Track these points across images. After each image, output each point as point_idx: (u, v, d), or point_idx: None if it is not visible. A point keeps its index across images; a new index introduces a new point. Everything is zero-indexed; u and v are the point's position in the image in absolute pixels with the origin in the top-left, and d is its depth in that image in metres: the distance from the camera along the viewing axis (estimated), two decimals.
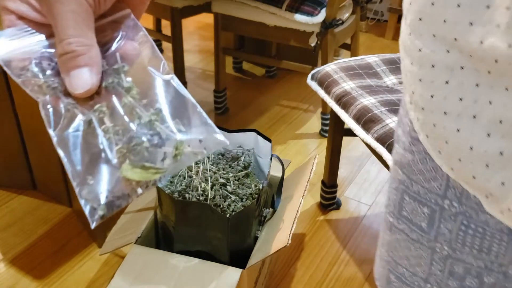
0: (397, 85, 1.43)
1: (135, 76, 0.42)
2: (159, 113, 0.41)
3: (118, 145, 0.39)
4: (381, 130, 1.22)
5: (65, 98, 0.40)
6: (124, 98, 0.41)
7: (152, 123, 0.40)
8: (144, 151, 0.39)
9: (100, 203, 0.38)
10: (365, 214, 1.77)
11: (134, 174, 0.39)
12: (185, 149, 0.40)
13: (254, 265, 1.12)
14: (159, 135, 0.40)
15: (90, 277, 1.46)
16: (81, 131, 0.39)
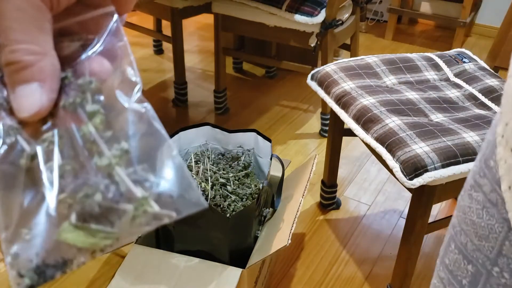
0: (396, 85, 1.43)
1: None
2: (124, 155, 0.31)
3: (63, 193, 0.29)
4: (380, 130, 1.22)
5: (9, 119, 0.30)
6: (85, 126, 0.31)
7: (112, 168, 0.30)
8: (94, 207, 0.30)
9: (32, 267, 0.30)
10: (364, 214, 1.77)
11: (76, 238, 0.29)
12: (149, 209, 0.30)
13: (254, 265, 1.12)
14: (117, 186, 0.30)
15: (91, 276, 1.47)
16: (22, 166, 0.30)
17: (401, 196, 1.86)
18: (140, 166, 0.31)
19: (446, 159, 1.12)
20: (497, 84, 1.43)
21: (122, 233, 0.30)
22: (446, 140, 1.16)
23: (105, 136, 0.31)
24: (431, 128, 1.21)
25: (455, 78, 1.50)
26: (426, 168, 1.10)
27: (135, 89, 0.32)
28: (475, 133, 1.19)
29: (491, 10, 3.30)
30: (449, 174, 1.11)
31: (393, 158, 1.16)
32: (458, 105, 1.37)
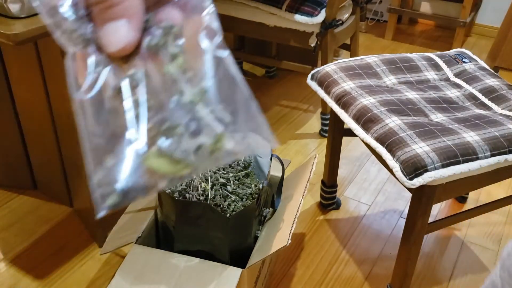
0: (396, 85, 1.43)
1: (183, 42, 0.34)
2: (205, 93, 0.33)
3: (148, 124, 0.32)
4: (380, 130, 1.22)
5: (97, 54, 0.32)
6: (167, 66, 0.33)
7: (194, 104, 0.33)
8: (176, 139, 0.33)
9: (113, 191, 0.32)
10: (364, 214, 1.77)
11: (160, 164, 0.32)
12: (225, 145, 0.33)
13: (254, 265, 1.12)
14: (198, 121, 0.33)
15: (91, 276, 1.47)
16: (107, 98, 0.33)
17: (401, 196, 1.86)
18: (218, 106, 0.34)
19: (446, 159, 1.12)
20: (497, 84, 1.43)
21: (200, 164, 0.34)
22: (446, 140, 1.16)
23: (186, 76, 0.34)
24: (431, 128, 1.20)
25: (455, 78, 1.50)
26: (426, 168, 1.10)
27: (216, 36, 0.35)
28: (475, 133, 1.19)
29: (491, 10, 3.30)
30: (449, 174, 1.11)
31: (393, 158, 1.16)
32: (458, 105, 1.36)
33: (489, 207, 1.37)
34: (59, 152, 1.57)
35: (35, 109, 1.53)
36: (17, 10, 1.03)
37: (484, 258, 1.61)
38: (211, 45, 0.34)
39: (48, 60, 1.36)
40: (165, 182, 0.33)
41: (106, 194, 0.32)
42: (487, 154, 1.15)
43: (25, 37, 1.01)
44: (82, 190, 1.52)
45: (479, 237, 1.69)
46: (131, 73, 0.33)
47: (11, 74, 1.53)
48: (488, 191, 1.91)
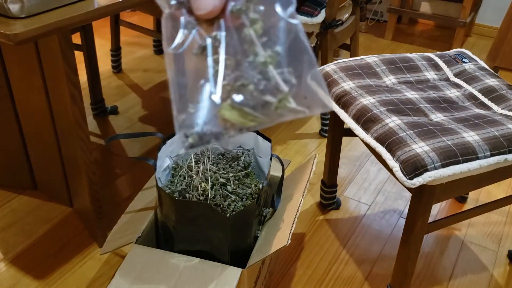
0: (396, 85, 1.43)
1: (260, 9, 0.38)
2: (276, 57, 0.38)
3: (225, 80, 0.37)
4: (380, 130, 1.22)
5: (188, 16, 0.38)
6: (246, 30, 0.38)
7: (266, 65, 0.38)
8: (247, 95, 0.38)
9: (193, 132, 0.38)
10: (364, 214, 1.77)
11: (232, 115, 0.37)
12: (288, 104, 0.38)
13: (254, 265, 1.12)
14: (268, 81, 0.38)
15: (91, 276, 1.46)
16: (194, 54, 0.38)
17: (401, 196, 1.86)
18: (287, 69, 0.38)
19: (446, 159, 1.11)
20: (497, 84, 1.43)
21: (265, 119, 0.38)
22: (446, 139, 1.16)
23: (262, 40, 0.38)
24: (431, 128, 1.20)
25: (455, 78, 1.50)
26: (426, 167, 1.10)
27: (290, 6, 0.39)
28: (475, 132, 1.19)
29: (491, 10, 3.30)
30: (449, 173, 1.11)
31: (393, 158, 1.15)
32: (458, 104, 1.36)
33: (489, 207, 1.37)
34: (59, 152, 1.57)
35: (35, 109, 1.53)
36: (17, 10, 1.03)
37: (484, 258, 1.61)
38: (285, 13, 0.38)
39: (48, 60, 1.36)
40: (235, 131, 0.38)
41: (188, 134, 0.38)
42: (487, 153, 1.15)
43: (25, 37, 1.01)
44: (82, 190, 1.52)
45: (479, 237, 1.69)
46: (214, 34, 0.37)
47: (11, 74, 1.53)
48: (488, 191, 1.91)
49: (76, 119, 1.34)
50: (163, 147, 1.28)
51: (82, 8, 1.11)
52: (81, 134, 1.37)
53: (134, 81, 2.64)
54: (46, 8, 1.08)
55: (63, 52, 1.25)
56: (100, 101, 2.28)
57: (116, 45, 2.64)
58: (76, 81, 1.31)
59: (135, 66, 2.80)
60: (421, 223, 1.22)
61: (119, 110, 2.34)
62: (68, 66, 1.27)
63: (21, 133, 1.66)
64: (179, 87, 0.38)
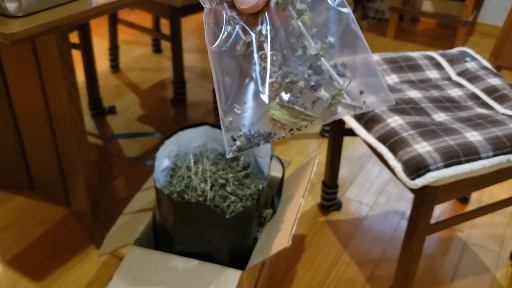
0: (398, 84, 1.42)
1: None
2: (328, 48, 0.36)
3: (272, 78, 0.35)
4: (382, 130, 1.21)
5: (230, 10, 0.36)
6: (294, 21, 0.36)
7: (318, 58, 0.35)
8: (297, 92, 0.35)
9: (241, 135, 0.36)
10: (366, 215, 1.76)
11: (281, 115, 0.35)
12: (343, 99, 0.36)
13: (254, 266, 1.11)
14: (319, 76, 0.35)
15: (89, 278, 1.45)
16: (239, 51, 0.36)
17: (403, 197, 1.85)
18: (339, 61, 0.35)
19: (448, 159, 1.10)
20: (500, 83, 1.42)
21: (317, 117, 0.36)
22: (449, 139, 1.15)
23: (311, 31, 0.35)
24: (433, 128, 1.19)
25: (457, 77, 1.48)
26: (428, 168, 1.09)
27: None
28: (477, 132, 1.18)
29: (494, 9, 3.28)
30: (451, 174, 1.10)
31: (395, 158, 1.14)
32: (460, 104, 1.35)
33: (491, 208, 1.36)
34: (57, 152, 1.56)
35: (32, 109, 1.52)
36: (14, 9, 1.03)
37: (486, 260, 1.59)
38: (334, 2, 0.36)
39: (45, 59, 1.35)
40: (285, 131, 0.36)
41: (234, 137, 0.35)
42: (490, 154, 1.14)
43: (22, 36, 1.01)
44: (80, 191, 1.51)
45: (481, 238, 1.68)
46: (259, 29, 0.35)
47: (8, 74, 1.52)
48: (491, 192, 1.90)
49: (73, 119, 1.33)
50: (162, 147, 1.27)
51: (80, 7, 1.12)
52: (79, 134, 1.36)
53: (132, 80, 2.62)
54: (43, 7, 1.08)
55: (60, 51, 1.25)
56: (98, 100, 2.26)
57: (114, 44, 2.63)
58: (74, 80, 1.30)
59: (133, 65, 2.79)
60: (423, 224, 1.21)
61: (117, 110, 2.33)
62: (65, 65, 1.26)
63: (18, 133, 1.65)
64: (224, 88, 0.36)
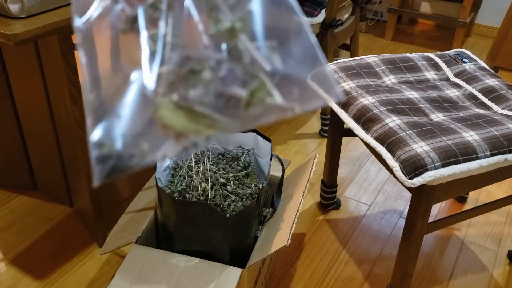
0: (396, 85, 1.43)
1: None
2: (248, 20, 0.23)
3: (165, 65, 0.23)
4: (380, 130, 1.22)
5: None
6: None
7: (234, 34, 0.23)
8: (201, 85, 0.23)
9: (115, 152, 0.23)
10: (364, 214, 1.77)
11: (176, 119, 0.23)
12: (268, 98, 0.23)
13: (254, 265, 1.12)
14: (236, 61, 0.22)
15: (91, 276, 1.46)
16: (121, 30, 0.24)
17: (401, 196, 1.86)
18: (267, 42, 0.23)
19: (446, 158, 1.11)
20: (497, 84, 1.43)
21: (232, 122, 0.23)
22: (446, 139, 1.16)
23: (229, 1, 0.23)
24: (431, 128, 1.20)
25: (455, 78, 1.50)
26: (426, 167, 1.10)
27: None
28: (475, 132, 1.19)
29: (491, 10, 3.30)
30: (449, 173, 1.11)
31: (393, 158, 1.15)
32: (458, 104, 1.36)
33: (489, 207, 1.37)
34: (59, 152, 1.57)
35: (35, 109, 1.53)
36: (17, 10, 1.03)
37: (484, 258, 1.60)
38: None
39: (48, 60, 1.36)
40: (184, 143, 0.23)
41: (105, 156, 0.23)
42: (487, 153, 1.15)
43: (25, 37, 1.01)
44: (82, 190, 1.52)
45: (479, 237, 1.69)
46: (152, 1, 0.24)
47: (11, 74, 1.53)
48: (488, 191, 1.91)
49: (76, 119, 1.34)
50: None
51: None
52: (81, 134, 1.37)
53: None
54: (46, 8, 1.09)
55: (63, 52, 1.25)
56: None
57: None
58: (76, 81, 1.31)
59: None
60: (421, 223, 1.22)
61: None
62: (68, 66, 1.27)
63: (21, 133, 1.66)
64: (94, 82, 0.24)
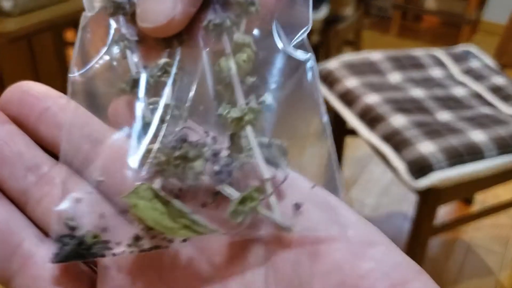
0: (401, 83, 1.41)
1: None
2: (261, 114, 0.21)
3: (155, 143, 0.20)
4: (385, 129, 1.19)
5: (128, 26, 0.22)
6: (226, 59, 0.21)
7: (240, 127, 0.21)
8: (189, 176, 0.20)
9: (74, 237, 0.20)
10: (368, 216, 1.74)
11: (149, 211, 0.20)
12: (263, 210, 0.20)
13: None
14: (236, 157, 0.21)
15: None
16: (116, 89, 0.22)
17: (406, 198, 1.83)
18: (276, 141, 0.21)
19: (452, 159, 1.09)
20: (504, 82, 1.40)
21: (211, 229, 0.20)
22: (452, 139, 1.14)
23: (247, 81, 0.22)
24: (436, 127, 1.18)
25: (461, 76, 1.47)
26: (432, 168, 1.08)
27: (301, 30, 0.23)
28: (481, 132, 1.17)
29: (498, 7, 3.26)
30: (455, 174, 1.09)
31: (398, 158, 1.13)
32: (464, 103, 1.34)
33: (496, 209, 1.34)
34: None
35: None
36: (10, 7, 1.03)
37: (490, 261, 1.57)
38: (289, 41, 0.22)
39: (41, 57, 1.35)
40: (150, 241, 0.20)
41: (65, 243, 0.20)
42: (494, 153, 1.13)
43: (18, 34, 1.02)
44: None
45: (485, 240, 1.66)
46: (161, 62, 0.22)
47: (4, 72, 1.51)
48: (495, 192, 1.88)
49: None
50: None
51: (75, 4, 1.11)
52: None
53: None
54: (39, 5, 1.08)
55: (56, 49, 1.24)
56: None
57: None
58: None
59: None
60: (427, 226, 1.19)
61: None
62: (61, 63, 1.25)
63: None
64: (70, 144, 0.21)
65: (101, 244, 0.20)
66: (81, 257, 0.20)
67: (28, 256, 0.20)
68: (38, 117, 0.22)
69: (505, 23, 1.62)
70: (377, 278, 0.18)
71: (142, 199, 0.20)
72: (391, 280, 0.18)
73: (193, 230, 0.20)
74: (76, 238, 0.20)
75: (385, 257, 0.19)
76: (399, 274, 0.18)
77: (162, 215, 0.20)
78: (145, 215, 0.20)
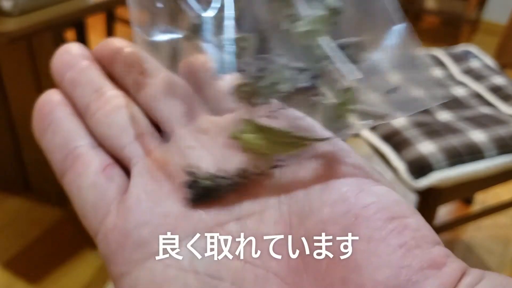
0: None
1: None
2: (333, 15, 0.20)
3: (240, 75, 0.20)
4: (384, 129, 1.20)
5: None
6: None
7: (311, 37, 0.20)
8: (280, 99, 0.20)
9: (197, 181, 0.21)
10: None
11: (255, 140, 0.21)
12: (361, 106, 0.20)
13: None
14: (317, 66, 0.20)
15: (85, 281, 1.44)
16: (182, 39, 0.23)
17: (406, 197, 1.82)
18: (352, 39, 0.20)
19: (452, 159, 1.10)
20: (504, 82, 1.41)
21: (317, 137, 0.20)
22: (452, 139, 1.14)
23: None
24: (436, 127, 1.18)
25: (461, 76, 1.47)
26: (432, 168, 1.08)
27: None
28: (481, 132, 1.17)
29: (498, 7, 3.26)
30: (455, 174, 1.09)
31: (397, 158, 1.14)
32: (464, 103, 1.34)
33: (496, 209, 1.34)
34: None
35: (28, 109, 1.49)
36: (9, 7, 1.04)
37: (490, 261, 1.57)
38: None
39: (41, 58, 1.35)
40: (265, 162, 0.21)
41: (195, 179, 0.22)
42: (494, 153, 1.13)
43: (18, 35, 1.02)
44: None
45: (485, 240, 1.66)
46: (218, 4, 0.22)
47: (4, 72, 1.51)
48: (496, 192, 1.88)
49: None
50: None
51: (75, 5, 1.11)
52: None
53: None
54: (39, 5, 1.08)
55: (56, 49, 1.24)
56: None
57: None
58: None
59: None
60: None
61: None
62: None
63: (14, 133, 1.64)
64: None
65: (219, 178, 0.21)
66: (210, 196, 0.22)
67: (78, 157, 0.26)
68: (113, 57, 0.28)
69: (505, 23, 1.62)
70: (378, 209, 0.21)
71: (245, 132, 0.21)
72: (390, 213, 0.21)
73: (301, 144, 0.21)
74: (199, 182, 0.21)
75: (387, 194, 0.22)
76: (397, 209, 0.21)
77: (268, 142, 0.21)
78: (252, 146, 0.21)
